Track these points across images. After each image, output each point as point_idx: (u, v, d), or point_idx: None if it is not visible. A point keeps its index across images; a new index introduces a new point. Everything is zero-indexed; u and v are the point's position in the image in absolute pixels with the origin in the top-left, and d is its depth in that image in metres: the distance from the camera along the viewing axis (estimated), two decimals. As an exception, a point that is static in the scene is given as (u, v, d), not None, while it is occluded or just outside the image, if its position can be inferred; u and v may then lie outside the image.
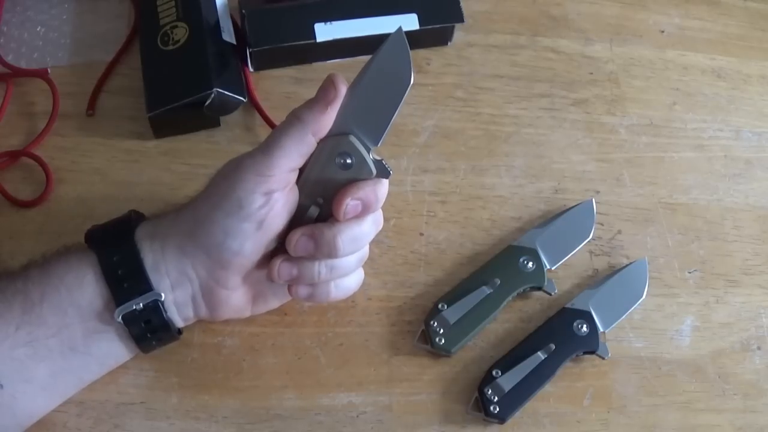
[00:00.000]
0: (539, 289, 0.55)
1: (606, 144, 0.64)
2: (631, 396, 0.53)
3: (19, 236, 0.55)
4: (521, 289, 0.55)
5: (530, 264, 0.55)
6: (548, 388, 0.53)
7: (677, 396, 0.54)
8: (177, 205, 0.48)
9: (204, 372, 0.51)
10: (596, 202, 0.60)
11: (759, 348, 0.57)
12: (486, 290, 0.54)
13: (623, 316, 0.55)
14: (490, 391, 0.51)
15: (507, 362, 0.52)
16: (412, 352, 0.53)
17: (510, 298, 0.54)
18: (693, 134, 0.66)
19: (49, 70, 0.61)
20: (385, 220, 0.57)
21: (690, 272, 0.59)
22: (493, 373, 0.51)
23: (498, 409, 0.50)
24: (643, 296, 0.56)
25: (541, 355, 0.52)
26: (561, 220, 0.58)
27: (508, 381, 0.51)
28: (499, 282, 0.54)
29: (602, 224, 0.60)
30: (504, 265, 0.55)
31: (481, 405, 0.50)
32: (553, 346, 0.52)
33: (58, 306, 0.44)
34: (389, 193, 0.59)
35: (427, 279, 0.56)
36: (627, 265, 0.57)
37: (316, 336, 0.53)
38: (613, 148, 0.64)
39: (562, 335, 0.53)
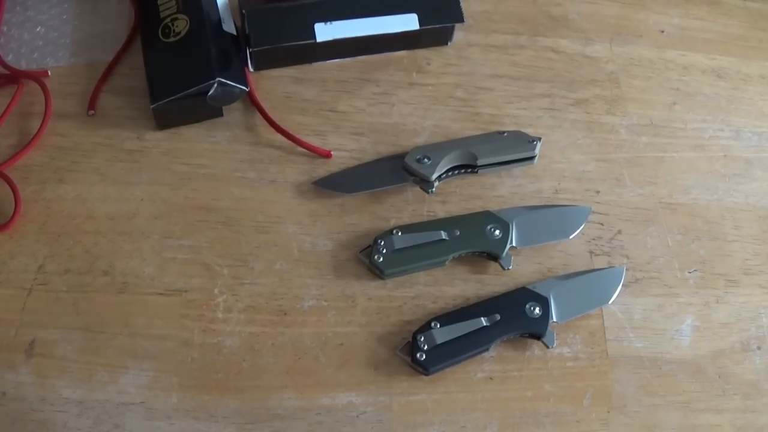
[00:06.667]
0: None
1: (606, 144, 0.64)
2: (631, 396, 0.53)
3: (19, 236, 0.55)
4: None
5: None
6: (547, 387, 0.53)
7: (677, 396, 0.54)
8: None
9: (204, 372, 0.51)
10: (596, 202, 0.60)
11: (759, 348, 0.57)
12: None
13: (581, 314, 0.55)
14: (422, 338, 0.51)
15: (448, 318, 0.52)
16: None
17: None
18: (693, 134, 0.66)
19: (49, 72, 0.61)
20: (385, 220, 0.57)
21: (690, 272, 0.59)
22: (432, 324, 0.52)
23: (424, 357, 0.51)
24: (609, 302, 0.56)
25: (483, 322, 0.52)
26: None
27: (442, 335, 0.51)
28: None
29: (602, 224, 0.60)
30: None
31: (411, 351, 0.51)
32: (498, 317, 0.52)
33: None
34: (388, 193, 0.59)
35: (426, 279, 0.56)
36: (604, 269, 0.57)
37: (316, 336, 0.53)
38: (613, 148, 0.64)
39: (512, 311, 0.53)
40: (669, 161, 0.64)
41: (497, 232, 0.56)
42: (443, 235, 0.55)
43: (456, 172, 0.59)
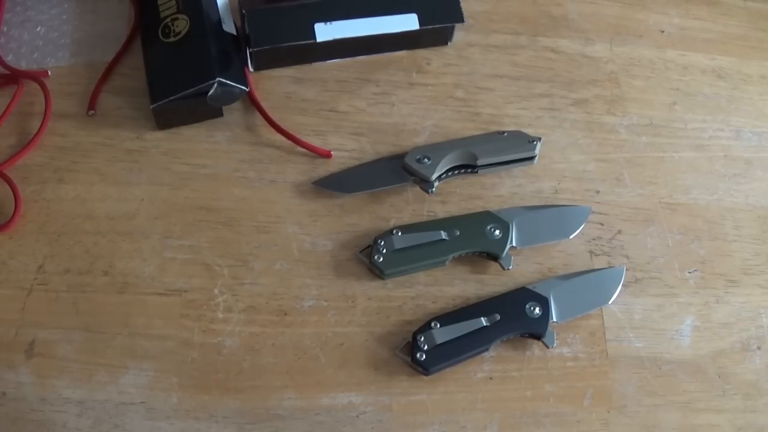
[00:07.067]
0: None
1: (606, 144, 0.64)
2: (631, 396, 0.53)
3: (19, 236, 0.55)
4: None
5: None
6: (547, 387, 0.53)
7: (677, 396, 0.54)
8: None
9: (204, 372, 0.51)
10: (596, 202, 0.60)
11: (759, 348, 0.57)
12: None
13: (581, 314, 0.55)
14: (422, 338, 0.51)
15: (448, 318, 0.52)
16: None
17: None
18: (693, 134, 0.66)
19: (49, 72, 0.61)
20: (385, 220, 0.57)
21: (690, 272, 0.59)
22: (432, 324, 0.52)
23: (424, 357, 0.51)
24: (609, 302, 0.56)
25: (483, 322, 0.52)
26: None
27: (442, 335, 0.51)
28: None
29: (602, 224, 0.60)
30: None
31: (411, 351, 0.51)
32: (498, 317, 0.52)
33: None
34: (388, 193, 0.59)
35: (426, 279, 0.56)
36: (604, 269, 0.57)
37: (316, 336, 0.53)
38: (613, 148, 0.64)
39: (512, 311, 0.53)
40: (669, 161, 0.64)
41: (497, 232, 0.56)
42: (443, 235, 0.55)
43: (456, 172, 0.59)
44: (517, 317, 0.53)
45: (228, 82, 0.57)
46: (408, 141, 0.61)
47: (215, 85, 0.57)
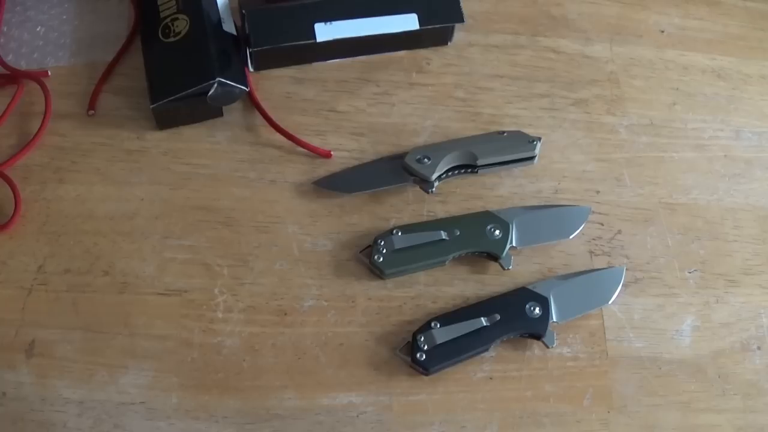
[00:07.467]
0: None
1: (606, 144, 0.64)
2: (631, 396, 0.53)
3: (19, 236, 0.55)
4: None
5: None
6: (547, 387, 0.53)
7: (677, 396, 0.54)
8: None
9: (204, 372, 0.51)
10: (596, 202, 0.60)
11: (759, 348, 0.57)
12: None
13: (581, 314, 0.55)
14: (422, 338, 0.51)
15: (448, 318, 0.52)
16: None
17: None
18: (693, 134, 0.66)
19: (49, 72, 0.61)
20: (385, 220, 0.57)
21: (690, 272, 0.59)
22: (432, 324, 0.52)
23: (424, 357, 0.51)
24: (610, 302, 0.56)
25: (483, 322, 0.52)
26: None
27: (442, 335, 0.51)
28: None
29: (602, 224, 0.60)
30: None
31: (411, 351, 0.51)
32: (498, 317, 0.52)
33: None
34: (388, 193, 0.59)
35: (427, 279, 0.56)
36: (604, 269, 0.57)
37: (316, 336, 0.53)
38: (613, 148, 0.64)
39: (512, 311, 0.53)
40: (669, 161, 0.64)
41: (497, 232, 0.56)
42: (443, 235, 0.55)
43: (456, 172, 0.59)
44: (517, 317, 0.53)
45: (228, 82, 0.57)
46: (408, 141, 0.61)
47: (215, 85, 0.57)
